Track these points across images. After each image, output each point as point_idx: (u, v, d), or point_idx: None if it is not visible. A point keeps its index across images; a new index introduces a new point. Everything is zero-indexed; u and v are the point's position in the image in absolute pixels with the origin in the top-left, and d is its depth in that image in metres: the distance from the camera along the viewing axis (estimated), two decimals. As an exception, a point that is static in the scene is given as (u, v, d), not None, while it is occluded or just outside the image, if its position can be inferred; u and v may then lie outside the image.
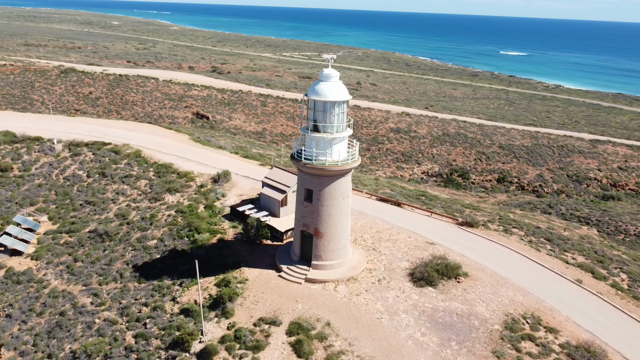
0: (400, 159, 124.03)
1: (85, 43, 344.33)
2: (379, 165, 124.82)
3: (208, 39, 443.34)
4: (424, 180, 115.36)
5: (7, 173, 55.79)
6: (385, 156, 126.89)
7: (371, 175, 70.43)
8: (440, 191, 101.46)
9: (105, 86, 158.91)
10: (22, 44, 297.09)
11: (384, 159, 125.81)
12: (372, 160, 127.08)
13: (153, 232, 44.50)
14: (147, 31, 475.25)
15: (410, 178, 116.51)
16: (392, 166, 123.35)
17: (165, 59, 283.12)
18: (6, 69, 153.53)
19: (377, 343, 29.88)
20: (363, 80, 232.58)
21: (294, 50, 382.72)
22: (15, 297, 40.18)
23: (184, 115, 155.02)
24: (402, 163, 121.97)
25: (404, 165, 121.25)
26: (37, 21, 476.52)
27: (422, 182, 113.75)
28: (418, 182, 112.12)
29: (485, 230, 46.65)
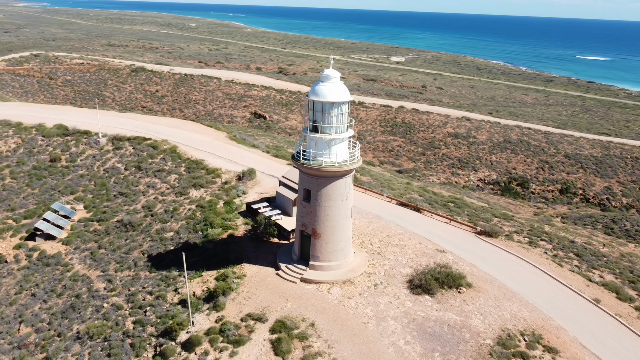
0: (456, 164, 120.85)
1: (162, 44, 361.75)
2: (433, 170, 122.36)
3: (279, 41, 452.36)
4: (480, 187, 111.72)
5: (55, 163, 60.05)
6: (441, 161, 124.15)
7: (403, 179, 69.24)
8: (495, 200, 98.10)
9: (171, 85, 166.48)
10: (105, 44, 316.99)
11: (439, 164, 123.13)
12: (427, 165, 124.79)
13: (172, 224, 46.33)
14: (221, 33, 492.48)
15: (465, 185, 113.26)
16: (447, 172, 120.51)
17: (235, 59, 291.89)
18: (83, 67, 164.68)
19: (356, 347, 29.51)
20: (429, 83, 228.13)
21: (362, 53, 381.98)
22: (42, 278, 43.27)
23: (242, 114, 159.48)
24: (457, 169, 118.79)
25: (460, 171, 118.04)
26: (122, 23, 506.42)
27: (477, 189, 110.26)
28: (473, 189, 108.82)
29: (506, 241, 44.61)
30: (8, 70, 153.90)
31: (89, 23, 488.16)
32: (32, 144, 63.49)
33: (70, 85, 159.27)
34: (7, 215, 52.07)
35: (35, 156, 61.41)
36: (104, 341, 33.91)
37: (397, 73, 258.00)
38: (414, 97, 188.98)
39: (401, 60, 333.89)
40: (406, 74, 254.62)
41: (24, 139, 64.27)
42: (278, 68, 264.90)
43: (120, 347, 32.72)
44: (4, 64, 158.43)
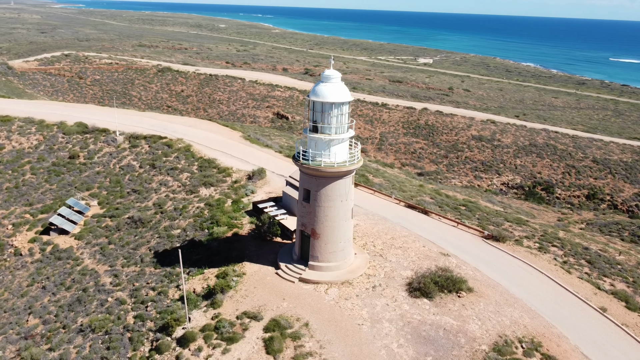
0: (479, 168, 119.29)
1: (191, 44, 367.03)
2: (456, 173, 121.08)
3: (306, 42, 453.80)
4: (503, 192, 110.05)
5: (74, 160, 61.64)
6: (464, 164, 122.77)
7: (416, 181, 68.55)
8: (518, 204, 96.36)
9: (196, 85, 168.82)
10: (136, 45, 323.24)
11: (462, 168, 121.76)
12: (449, 168, 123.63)
13: (180, 222, 47.02)
14: (250, 34, 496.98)
15: (488, 189, 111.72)
16: (469, 175, 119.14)
17: (262, 60, 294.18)
18: (112, 67, 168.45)
19: (348, 349, 29.41)
20: (456, 85, 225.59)
21: (390, 54, 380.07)
22: (53, 271, 44.47)
23: (265, 114, 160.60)
24: (480, 172, 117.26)
25: (483, 174, 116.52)
26: (154, 24, 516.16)
27: (500, 193, 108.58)
28: (496, 193, 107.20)
29: (514, 246, 43.77)
30: (40, 70, 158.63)
31: (121, 24, 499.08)
32: (52, 141, 65.31)
33: (99, 84, 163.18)
34: (25, 210, 53.69)
35: (55, 153, 63.15)
36: (105, 334, 34.65)
37: (424, 75, 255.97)
38: (439, 99, 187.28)
39: (429, 62, 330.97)
40: (433, 76, 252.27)
41: (46, 136, 66.18)
42: (304, 69, 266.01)
43: (119, 340, 33.39)
44: (37, 64, 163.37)
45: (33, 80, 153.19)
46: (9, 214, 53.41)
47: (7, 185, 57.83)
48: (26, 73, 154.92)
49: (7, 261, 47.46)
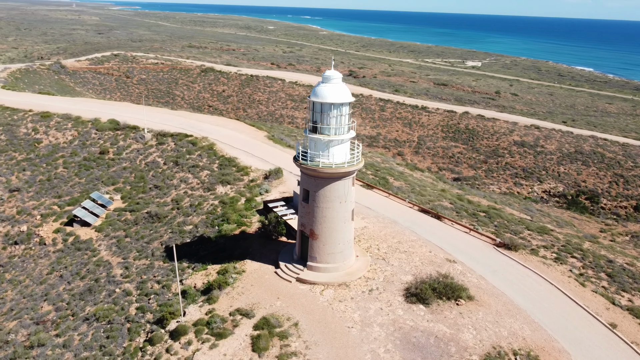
0: (519, 174, 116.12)
1: (239, 46, 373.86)
2: (494, 179, 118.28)
3: (353, 44, 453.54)
4: (544, 200, 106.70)
5: (103, 155, 64.11)
6: (503, 170, 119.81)
7: (439, 186, 67.14)
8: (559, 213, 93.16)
9: (237, 85, 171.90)
10: (186, 46, 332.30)
11: (501, 174, 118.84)
12: (488, 173, 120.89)
13: (193, 218, 48.06)
14: (297, 35, 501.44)
15: (528, 196, 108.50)
16: (509, 181, 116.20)
17: (307, 62, 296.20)
18: (157, 66, 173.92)
19: (333, 351, 29.24)
20: (504, 89, 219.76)
21: (437, 57, 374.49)
22: (71, 261, 46.42)
23: (303, 115, 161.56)
24: (521, 179, 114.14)
25: (523, 181, 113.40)
26: (204, 25, 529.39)
27: (540, 201, 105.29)
28: (536, 201, 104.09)
29: (527, 255, 42.25)
30: (90, 69, 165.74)
31: (174, 25, 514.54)
32: (86, 137, 68.15)
33: (145, 83, 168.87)
34: (54, 202, 56.27)
35: (87, 148, 65.87)
36: (107, 324, 35.88)
37: (470, 78, 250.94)
38: (485, 103, 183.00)
39: (477, 65, 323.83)
40: (480, 79, 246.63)
41: (80, 132, 69.13)
42: (348, 71, 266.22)
43: (119, 330, 34.50)
44: (87, 63, 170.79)
45: (83, 78, 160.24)
46: (39, 205, 56.12)
47: (40, 177, 60.80)
48: (77, 72, 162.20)
49: (32, 250, 49.92)
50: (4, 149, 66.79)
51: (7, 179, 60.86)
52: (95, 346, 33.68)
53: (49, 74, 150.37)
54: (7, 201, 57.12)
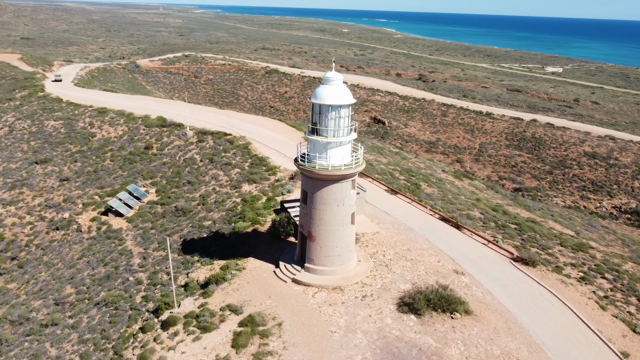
0: (587, 187, 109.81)
1: (311, 48, 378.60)
2: (559, 192, 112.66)
3: (427, 47, 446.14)
4: (614, 216, 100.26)
5: (147, 151, 67.41)
6: (570, 183, 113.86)
7: (473, 195, 64.37)
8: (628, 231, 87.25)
9: (299, 87, 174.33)
10: (260, 47, 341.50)
11: (567, 186, 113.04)
12: (552, 185, 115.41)
13: (214, 214, 49.42)
14: (370, 38, 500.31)
15: (595, 211, 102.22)
16: (575, 195, 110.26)
17: (377, 65, 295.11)
18: (224, 67, 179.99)
19: (309, 354, 29.02)
20: (584, 97, 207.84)
21: (515, 62, 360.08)
22: (100, 249, 49.24)
23: (362, 119, 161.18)
24: (589, 193, 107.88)
25: (591, 195, 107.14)
26: (280, 28, 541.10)
27: (609, 217, 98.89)
28: (603, 217, 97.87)
29: (544, 271, 39.71)
30: (162, 68, 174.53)
31: (251, 28, 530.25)
32: (135, 132, 71.96)
33: (211, 83, 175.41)
34: (96, 192, 59.92)
35: (134, 143, 69.53)
36: (114, 309, 37.73)
37: (548, 84, 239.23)
38: (560, 111, 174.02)
39: (558, 71, 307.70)
40: (559, 86, 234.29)
41: (130, 128, 73.11)
42: (418, 75, 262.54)
43: (121, 316, 36.20)
44: (160, 63, 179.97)
45: (155, 77, 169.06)
46: (83, 194, 59.99)
47: (88, 169, 64.95)
48: (150, 71, 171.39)
49: (69, 235, 53.44)
50: (62, 141, 71.98)
51: (60, 169, 65.53)
52: (98, 329, 35.55)
53: (124, 72, 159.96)
54: (56, 189, 61.52)
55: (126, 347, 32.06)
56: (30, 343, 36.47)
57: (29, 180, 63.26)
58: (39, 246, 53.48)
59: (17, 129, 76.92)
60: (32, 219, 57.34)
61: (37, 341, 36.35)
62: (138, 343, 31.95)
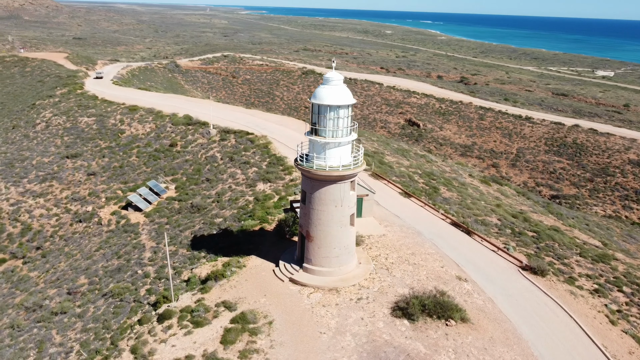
0: (631, 197, 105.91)
1: (352, 50, 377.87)
2: (599, 200, 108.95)
3: (471, 50, 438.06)
4: None
5: (172, 148, 69.00)
6: (612, 191, 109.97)
7: (494, 201, 62.49)
8: None
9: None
10: (301, 49, 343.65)
11: (609, 194, 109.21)
12: (592, 193, 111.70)
13: (225, 212, 50.07)
14: (414, 40, 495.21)
15: (638, 222, 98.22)
16: (616, 204, 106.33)
17: (417, 67, 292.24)
18: (262, 68, 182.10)
19: (295, 354, 28.97)
20: (635, 102, 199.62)
21: (564, 65, 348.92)
22: (116, 242, 50.75)
23: (397, 121, 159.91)
24: (632, 202, 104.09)
25: (634, 205, 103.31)
26: (324, 29, 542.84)
27: None
28: None
29: (553, 281, 38.22)
30: (201, 68, 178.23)
31: (294, 29, 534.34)
32: (161, 130, 73.80)
33: (248, 83, 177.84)
34: (120, 187, 61.80)
35: (160, 140, 71.31)
36: (119, 301, 38.79)
37: (597, 89, 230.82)
38: (607, 116, 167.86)
39: (608, 75, 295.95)
40: (609, 91, 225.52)
41: (158, 125, 75.02)
42: (460, 77, 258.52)
43: (124, 308, 37.18)
44: (199, 63, 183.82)
45: (194, 77, 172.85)
46: (107, 188, 61.99)
47: (114, 164, 67.06)
48: (189, 71, 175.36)
49: (90, 228, 55.34)
50: (93, 137, 74.64)
51: (89, 163, 67.96)
52: (101, 320, 36.64)
53: (164, 72, 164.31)
54: (83, 183, 63.83)
55: (122, 338, 32.89)
56: (39, 329, 37.99)
57: (59, 174, 65.90)
58: (62, 237, 55.62)
59: (53, 124, 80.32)
60: (58, 211, 59.70)
61: (45, 328, 37.82)
62: (134, 334, 32.74)
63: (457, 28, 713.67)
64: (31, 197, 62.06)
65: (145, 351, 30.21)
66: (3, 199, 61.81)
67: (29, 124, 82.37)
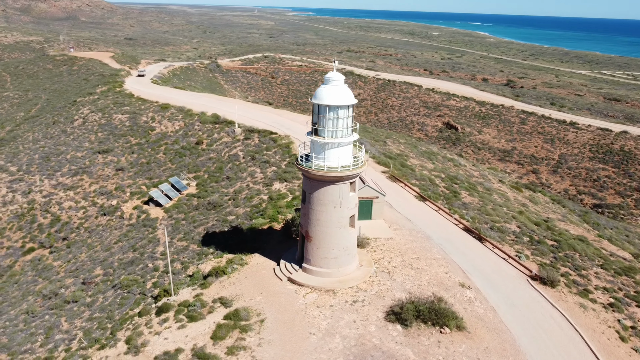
0: None
1: (397, 51, 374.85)
2: None
3: (521, 52, 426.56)
4: None
5: (197, 146, 70.42)
6: None
7: (517, 209, 60.27)
8: None
9: (373, 90, 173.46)
10: (345, 50, 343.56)
11: None
12: (639, 203, 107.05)
13: (239, 209, 50.65)
14: (461, 42, 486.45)
15: None
16: None
17: (462, 69, 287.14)
18: (301, 68, 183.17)
19: (281, 354, 28.97)
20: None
21: (619, 69, 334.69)
22: (134, 235, 52.24)
23: (434, 123, 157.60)
24: None
25: None
26: (369, 31, 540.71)
27: None
28: None
29: (563, 293, 36.60)
30: (241, 68, 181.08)
31: (340, 30, 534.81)
32: (189, 128, 75.46)
33: (287, 84, 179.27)
34: (145, 182, 63.59)
35: (187, 138, 72.93)
36: (127, 292, 39.91)
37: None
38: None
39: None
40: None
41: (186, 123, 76.75)
42: (507, 80, 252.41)
43: (129, 299, 38.21)
44: (240, 63, 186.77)
45: (234, 77, 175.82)
46: (133, 184, 63.92)
47: (142, 160, 69.08)
48: (230, 71, 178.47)
49: (113, 221, 57.19)
50: (125, 134, 77.16)
51: (118, 159, 70.30)
52: (107, 310, 37.80)
53: (205, 71, 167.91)
54: (111, 178, 66.07)
55: (122, 328, 33.83)
56: (50, 316, 39.59)
57: (90, 168, 68.48)
58: (87, 229, 57.75)
59: (89, 120, 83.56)
60: (86, 203, 62.02)
61: (56, 315, 39.36)
62: (132, 326, 33.60)
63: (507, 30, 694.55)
64: (62, 189, 64.76)
65: (139, 342, 30.94)
66: (37, 191, 64.80)
67: (68, 119, 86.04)
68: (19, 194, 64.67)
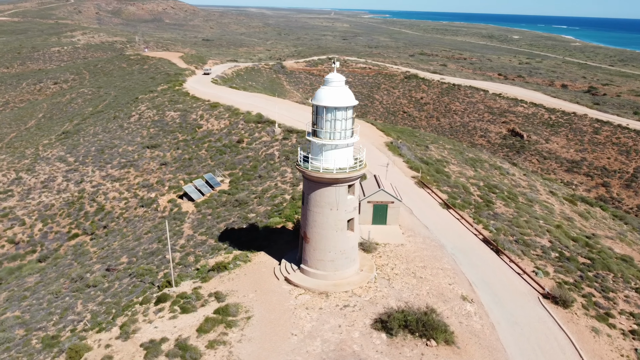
0: None
1: (471, 55, 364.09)
2: None
3: (608, 57, 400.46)
4: None
5: (238, 144, 72.13)
6: None
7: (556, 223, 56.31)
8: None
9: (436, 93, 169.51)
10: (417, 52, 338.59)
11: None
12: None
13: (261, 208, 51.33)
14: (543, 46, 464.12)
15: None
16: None
17: (540, 74, 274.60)
18: (364, 71, 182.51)
19: (258, 351, 29.07)
20: None
21: None
22: (163, 227, 54.33)
23: (498, 130, 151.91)
24: None
25: None
26: (445, 34, 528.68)
27: None
28: None
29: (578, 315, 33.93)
30: (305, 70, 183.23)
31: (415, 33, 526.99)
32: (234, 126, 77.44)
33: (349, 86, 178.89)
34: (184, 177, 66.03)
35: (230, 136, 74.90)
36: (139, 281, 41.66)
37: None
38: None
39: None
40: None
41: (231, 122, 78.83)
42: (588, 87, 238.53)
43: (139, 287, 39.86)
44: (303, 64, 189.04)
45: (297, 78, 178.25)
46: (173, 178, 66.57)
47: (185, 156, 71.78)
48: (294, 72, 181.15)
49: (148, 213, 59.86)
50: (174, 130, 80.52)
51: (164, 154, 73.49)
52: (118, 296, 39.65)
53: (269, 72, 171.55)
54: (154, 172, 69.19)
55: (122, 315, 35.33)
56: (70, 298, 42.11)
57: (137, 162, 72.12)
58: (125, 219, 60.86)
59: (144, 117, 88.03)
60: (128, 195, 65.38)
61: (75, 297, 41.81)
62: (130, 313, 35.02)
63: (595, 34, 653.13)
64: (110, 181, 68.67)
65: (131, 329, 32.17)
66: (87, 181, 69.16)
67: (127, 115, 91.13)
68: (72, 183, 69.31)
